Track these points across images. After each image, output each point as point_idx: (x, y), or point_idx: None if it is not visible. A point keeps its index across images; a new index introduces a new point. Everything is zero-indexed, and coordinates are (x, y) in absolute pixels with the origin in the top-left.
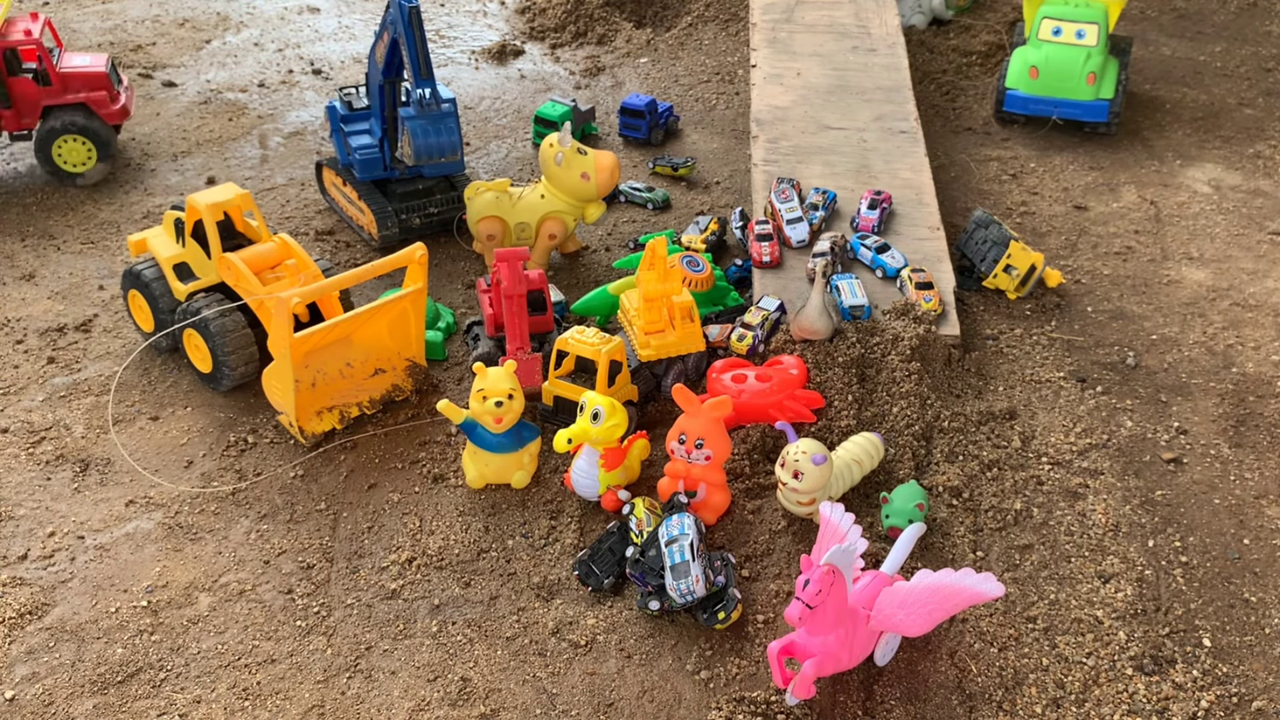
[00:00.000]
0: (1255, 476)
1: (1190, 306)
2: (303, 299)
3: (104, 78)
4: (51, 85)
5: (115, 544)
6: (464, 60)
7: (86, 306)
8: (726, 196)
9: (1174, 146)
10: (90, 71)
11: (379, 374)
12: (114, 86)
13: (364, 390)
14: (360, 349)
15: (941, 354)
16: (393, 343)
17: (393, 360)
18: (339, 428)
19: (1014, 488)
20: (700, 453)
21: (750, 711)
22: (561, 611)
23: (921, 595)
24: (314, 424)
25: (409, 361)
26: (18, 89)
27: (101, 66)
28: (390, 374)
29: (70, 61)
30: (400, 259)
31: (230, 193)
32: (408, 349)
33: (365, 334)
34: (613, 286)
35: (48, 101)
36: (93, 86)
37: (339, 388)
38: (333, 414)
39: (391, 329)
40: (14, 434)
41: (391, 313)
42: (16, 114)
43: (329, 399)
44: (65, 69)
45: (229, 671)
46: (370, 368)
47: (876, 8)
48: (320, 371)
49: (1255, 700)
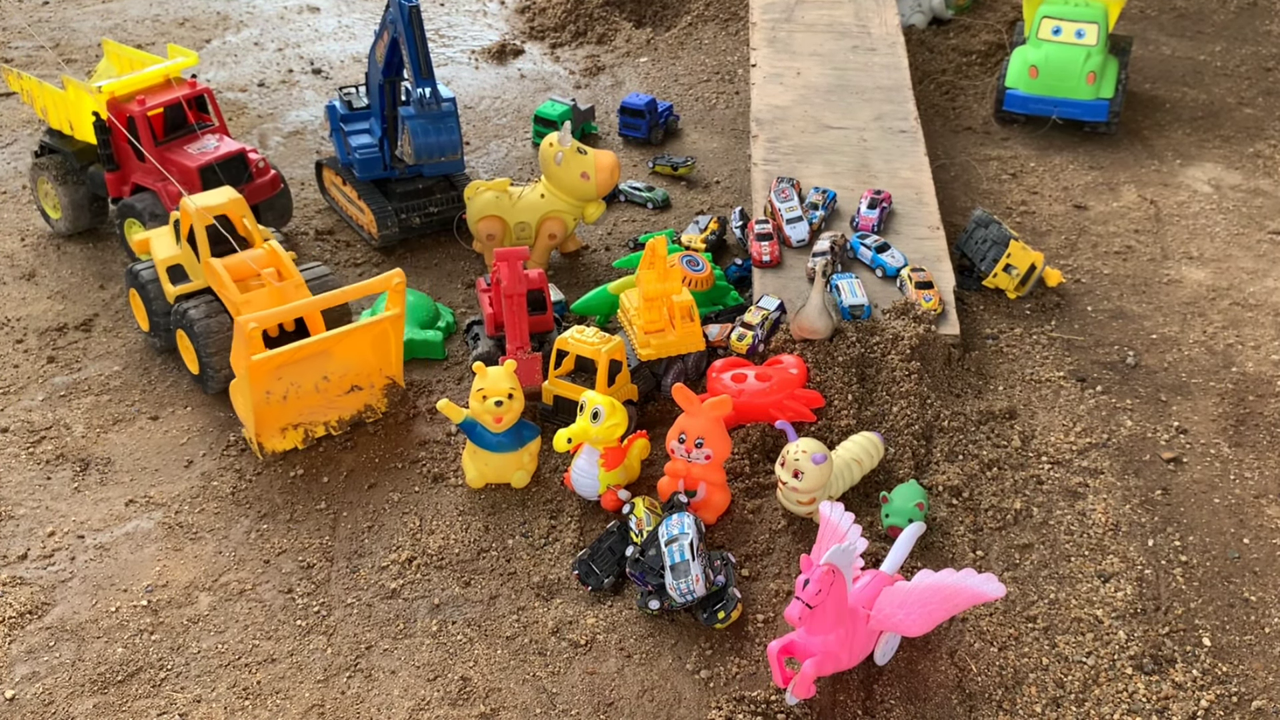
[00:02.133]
0: (1255, 476)
1: (1190, 306)
2: (260, 323)
3: (194, 173)
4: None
5: (115, 544)
6: (464, 60)
7: (86, 306)
8: (726, 196)
9: (1174, 146)
10: (186, 165)
11: (354, 391)
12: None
13: (335, 408)
14: (340, 363)
15: (941, 353)
16: (374, 359)
17: (371, 378)
18: (300, 447)
19: (1014, 487)
20: (700, 452)
21: (750, 711)
22: (561, 611)
23: (921, 595)
24: (275, 441)
25: (388, 380)
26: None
27: (197, 162)
28: (366, 392)
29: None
30: (377, 285)
31: (224, 197)
32: (388, 367)
33: (346, 348)
34: (613, 286)
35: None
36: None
37: (311, 403)
38: (297, 432)
39: (373, 346)
40: (14, 434)
41: (372, 332)
42: (121, 177)
43: (298, 414)
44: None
45: (229, 671)
46: (347, 384)
47: (876, 7)
48: (294, 384)
49: (1255, 700)
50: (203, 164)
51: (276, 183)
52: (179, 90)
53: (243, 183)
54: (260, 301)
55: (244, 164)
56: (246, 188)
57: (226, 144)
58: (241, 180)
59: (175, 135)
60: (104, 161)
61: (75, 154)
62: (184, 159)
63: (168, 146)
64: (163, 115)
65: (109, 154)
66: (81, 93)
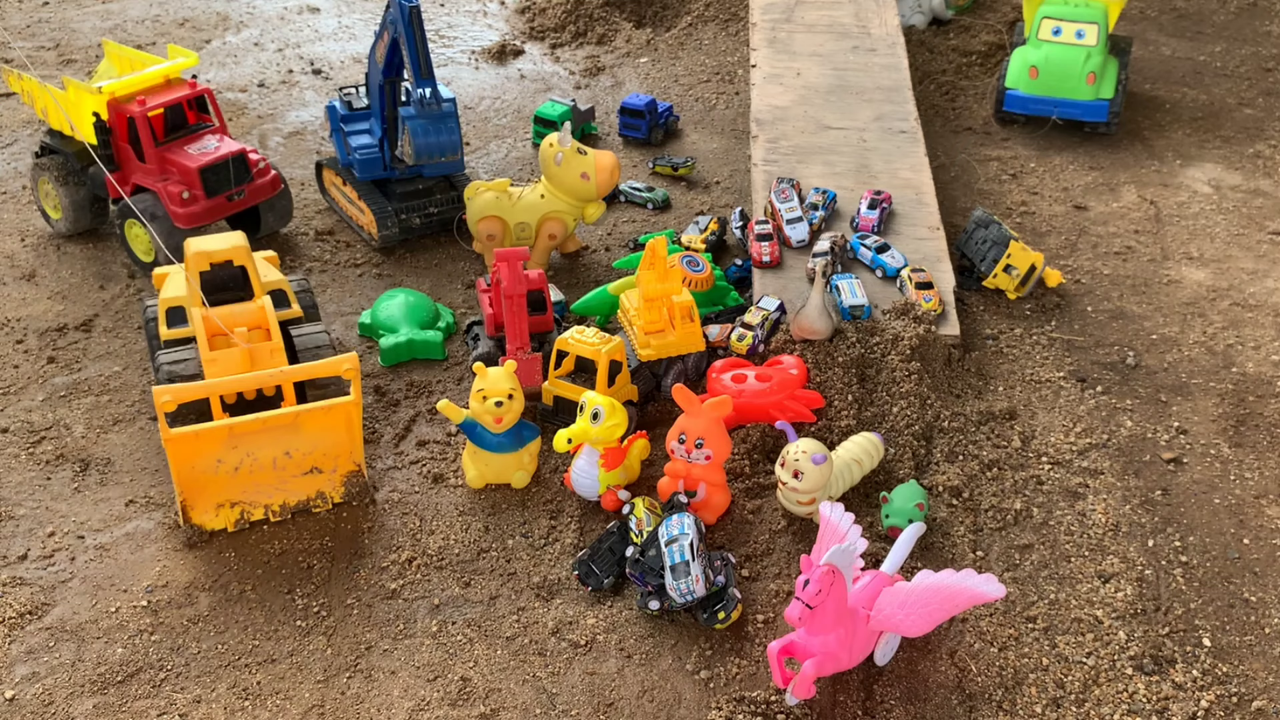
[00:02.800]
0: (1255, 476)
1: (1190, 306)
2: (175, 397)
3: (195, 174)
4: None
5: (115, 544)
6: (464, 60)
7: (86, 306)
8: (726, 196)
9: (1174, 146)
10: (186, 165)
11: (313, 473)
12: (202, 184)
13: (285, 490)
14: (307, 440)
15: (941, 354)
16: (345, 440)
17: (335, 461)
18: (230, 529)
19: (1014, 488)
20: (700, 452)
21: (750, 711)
22: (561, 611)
23: (922, 595)
24: (207, 518)
25: (354, 467)
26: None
27: (198, 163)
28: (325, 477)
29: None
30: (330, 367)
31: (227, 243)
32: (357, 453)
33: (316, 424)
34: (613, 286)
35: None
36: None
37: (261, 480)
38: (233, 511)
39: (347, 426)
40: (14, 434)
41: (332, 414)
42: (122, 178)
43: (241, 491)
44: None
45: (229, 671)
46: (309, 464)
47: (876, 8)
48: (251, 455)
49: (1255, 700)
50: (203, 164)
51: (277, 183)
52: (179, 91)
53: (243, 182)
54: (226, 362)
55: (244, 164)
56: (247, 187)
57: (227, 144)
58: (242, 180)
59: (175, 135)
60: (104, 161)
61: (75, 154)
62: (184, 159)
63: (168, 147)
64: (163, 116)
65: (109, 154)
66: (82, 93)
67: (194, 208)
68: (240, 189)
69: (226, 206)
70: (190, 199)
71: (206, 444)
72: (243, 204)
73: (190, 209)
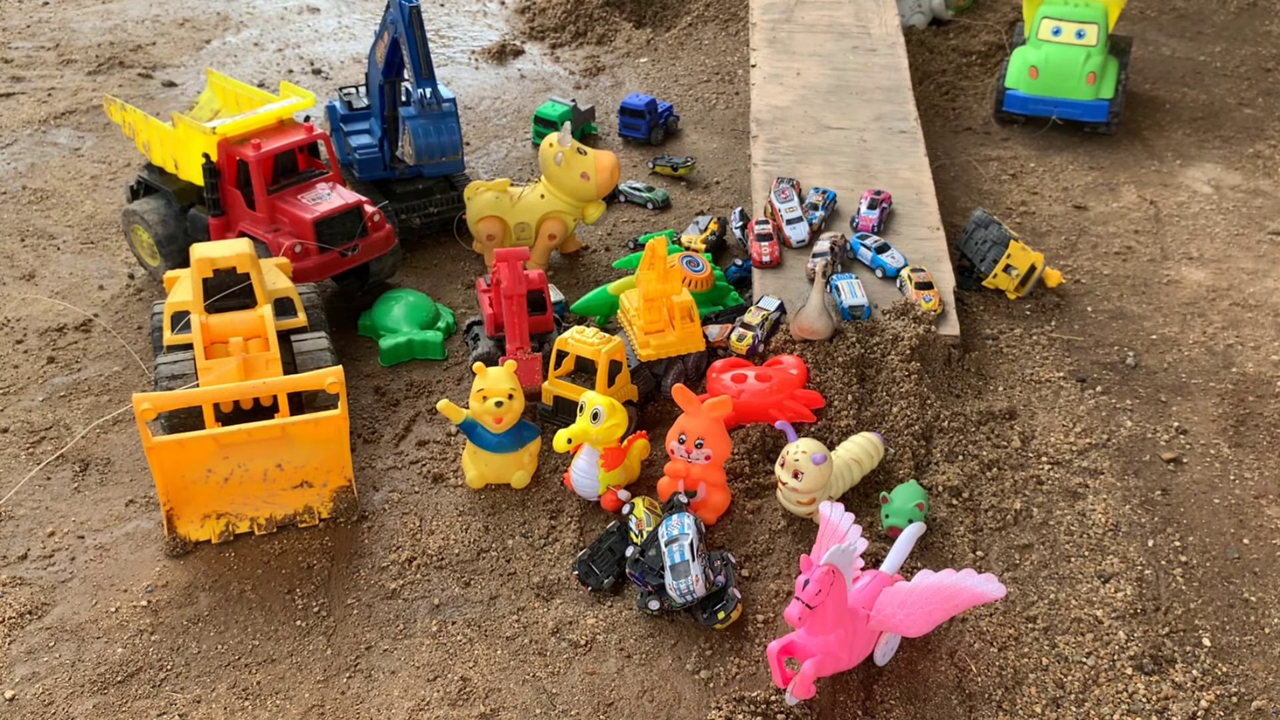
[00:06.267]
0: (1255, 476)
1: (1190, 306)
2: (154, 405)
3: (310, 226)
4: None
5: (115, 544)
6: (464, 60)
7: (86, 306)
8: (726, 196)
9: (1174, 146)
10: (300, 217)
11: (303, 487)
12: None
13: (274, 503)
14: (299, 453)
15: (941, 354)
16: (337, 454)
17: (326, 476)
18: (214, 541)
19: (1014, 488)
20: (700, 452)
21: (750, 711)
22: (561, 611)
23: (922, 595)
24: (193, 529)
25: (346, 482)
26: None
27: (313, 214)
28: (314, 491)
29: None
30: (313, 380)
31: (231, 250)
32: (346, 468)
33: (309, 437)
34: (613, 286)
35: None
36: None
37: (251, 492)
38: (219, 523)
39: (338, 440)
40: (14, 434)
41: (322, 427)
42: (226, 224)
43: (229, 503)
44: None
45: (229, 671)
46: (298, 477)
47: (876, 8)
48: (242, 467)
49: (1255, 700)
50: (319, 216)
51: (391, 239)
52: (295, 135)
53: (358, 237)
54: (220, 370)
55: (359, 217)
56: (361, 242)
57: (341, 193)
58: (355, 234)
59: (287, 182)
60: (210, 206)
61: (176, 194)
62: (298, 209)
63: (279, 195)
64: (273, 160)
65: (215, 198)
66: (192, 131)
67: (305, 263)
68: (355, 244)
69: (339, 263)
70: (302, 253)
71: (193, 453)
72: (354, 260)
73: (302, 264)
